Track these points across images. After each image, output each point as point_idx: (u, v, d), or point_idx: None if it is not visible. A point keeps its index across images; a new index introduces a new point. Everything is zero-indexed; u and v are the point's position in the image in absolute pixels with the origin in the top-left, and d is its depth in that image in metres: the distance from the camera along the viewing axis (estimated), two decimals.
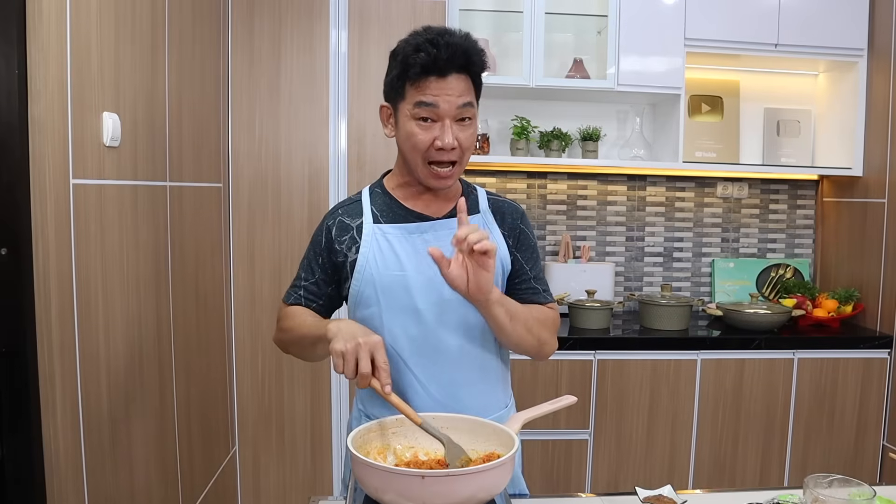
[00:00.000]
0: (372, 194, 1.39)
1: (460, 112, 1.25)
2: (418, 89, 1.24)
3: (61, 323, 1.38)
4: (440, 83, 1.23)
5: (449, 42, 1.23)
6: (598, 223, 3.10)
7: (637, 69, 2.70)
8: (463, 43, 1.25)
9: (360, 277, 1.31)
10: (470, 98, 1.27)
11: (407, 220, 1.34)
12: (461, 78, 1.25)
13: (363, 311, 1.33)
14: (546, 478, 2.54)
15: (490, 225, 1.39)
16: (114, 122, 1.55)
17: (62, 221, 1.38)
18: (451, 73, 1.24)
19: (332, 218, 1.37)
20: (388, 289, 1.30)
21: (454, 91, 1.24)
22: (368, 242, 1.32)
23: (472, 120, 1.29)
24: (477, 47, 1.28)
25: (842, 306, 2.82)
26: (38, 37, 1.29)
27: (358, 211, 1.36)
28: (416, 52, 1.23)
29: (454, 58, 1.23)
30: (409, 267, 1.30)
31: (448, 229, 1.33)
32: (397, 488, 0.95)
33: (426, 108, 1.24)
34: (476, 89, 1.31)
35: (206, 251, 2.29)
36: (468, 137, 1.28)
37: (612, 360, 2.53)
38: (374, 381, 1.10)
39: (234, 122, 2.51)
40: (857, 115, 2.84)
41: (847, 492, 1.10)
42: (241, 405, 2.58)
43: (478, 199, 1.41)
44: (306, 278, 1.37)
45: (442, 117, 1.25)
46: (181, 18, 2.01)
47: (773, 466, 2.63)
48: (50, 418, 1.34)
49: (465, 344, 1.32)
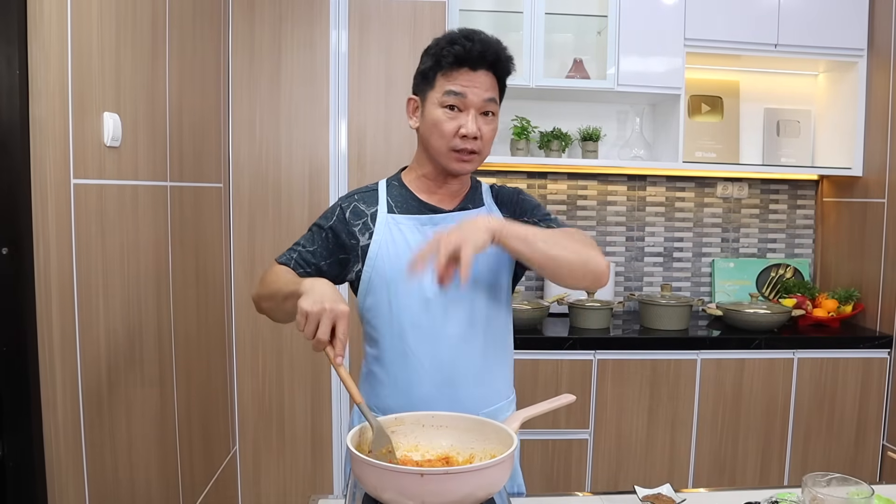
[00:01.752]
0: (388, 186, 1.44)
1: (485, 105, 1.33)
2: (449, 79, 1.31)
3: (62, 322, 1.38)
4: (470, 76, 1.31)
5: (483, 39, 1.32)
6: (598, 223, 3.10)
7: (637, 69, 2.71)
8: (495, 44, 1.33)
9: (372, 264, 1.35)
10: (494, 95, 1.35)
11: (420, 211, 1.39)
12: (489, 75, 1.33)
13: (372, 298, 1.36)
14: (546, 477, 2.54)
15: (494, 213, 1.44)
16: (114, 122, 1.55)
17: (63, 221, 1.38)
18: (481, 68, 1.31)
19: (347, 201, 1.42)
20: (398, 277, 1.33)
21: (482, 85, 1.32)
22: (381, 231, 1.36)
23: (495, 116, 1.36)
24: (506, 50, 1.36)
25: (842, 306, 2.82)
26: (39, 37, 1.29)
27: (374, 199, 1.41)
28: (452, 44, 1.31)
29: (486, 54, 1.31)
30: None
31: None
32: (396, 486, 0.96)
33: (454, 96, 1.31)
34: (500, 91, 1.38)
35: (206, 251, 2.29)
36: (490, 131, 1.35)
37: (612, 360, 2.53)
38: (329, 348, 1.10)
39: (234, 122, 2.51)
40: (856, 116, 2.84)
41: (845, 490, 1.10)
42: (241, 405, 2.58)
43: (482, 193, 1.47)
44: (304, 245, 1.40)
45: (468, 107, 1.31)
46: (182, 19, 2.02)
47: (772, 466, 2.63)
48: (51, 417, 1.35)
49: (469, 333, 1.35)
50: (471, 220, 1.17)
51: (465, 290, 1.32)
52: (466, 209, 1.42)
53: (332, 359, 1.10)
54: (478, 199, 1.45)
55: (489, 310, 1.38)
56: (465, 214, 1.40)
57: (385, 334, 1.37)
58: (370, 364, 1.42)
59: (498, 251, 1.37)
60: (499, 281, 1.41)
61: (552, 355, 2.48)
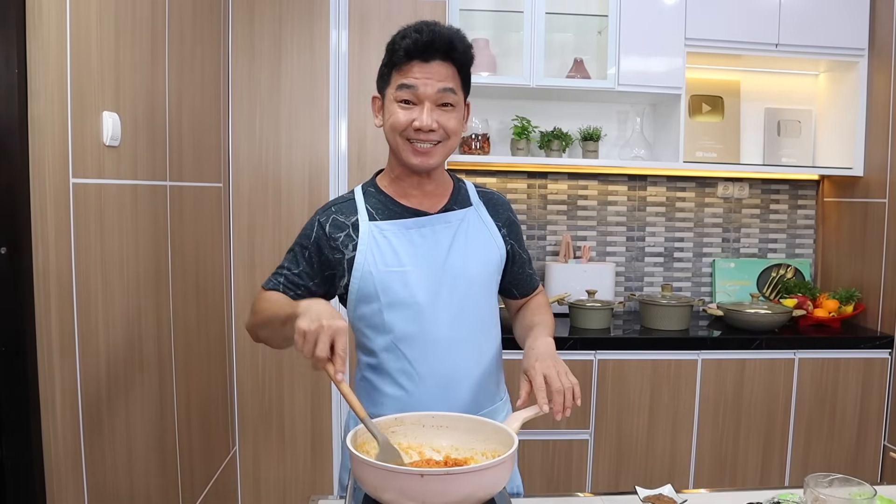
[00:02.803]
0: (365, 193, 1.40)
1: (441, 97, 1.28)
2: (402, 73, 1.28)
3: (61, 322, 1.38)
4: (423, 67, 1.27)
5: (433, 29, 1.28)
6: (598, 223, 3.10)
7: (637, 69, 2.70)
8: (447, 32, 1.29)
9: (359, 275, 1.32)
10: (452, 84, 1.29)
11: (403, 216, 1.36)
12: (445, 65, 1.29)
13: (364, 308, 1.34)
14: (546, 478, 2.54)
15: (483, 217, 1.42)
16: (114, 122, 1.55)
17: (62, 221, 1.38)
18: (434, 59, 1.27)
19: (324, 215, 1.37)
20: (388, 285, 1.31)
21: (435, 76, 1.27)
22: (366, 240, 1.33)
23: (456, 107, 1.31)
24: (462, 38, 1.31)
25: (842, 306, 2.82)
26: (37, 36, 1.29)
27: (352, 209, 1.37)
28: (403, 38, 1.28)
29: (436, 43, 1.27)
30: (407, 262, 1.32)
31: (444, 223, 1.36)
32: (396, 487, 0.95)
33: (407, 90, 1.28)
34: (463, 80, 1.33)
35: (206, 251, 2.29)
36: (451, 121, 1.30)
37: (613, 360, 2.52)
38: (328, 365, 1.08)
39: (234, 122, 2.51)
40: (857, 115, 2.84)
41: (847, 491, 1.10)
42: (241, 405, 2.58)
43: (468, 193, 1.45)
44: (289, 268, 1.37)
45: (422, 100, 1.28)
46: (181, 18, 2.01)
47: (773, 466, 2.62)
48: (49, 417, 1.34)
49: (461, 336, 1.34)
50: (554, 354, 1.25)
51: (456, 295, 1.33)
52: (452, 210, 1.39)
53: (333, 375, 1.08)
54: (463, 200, 1.42)
55: (480, 313, 1.38)
56: (451, 216, 1.38)
57: (378, 342, 1.35)
58: (363, 371, 1.41)
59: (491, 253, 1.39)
60: (490, 284, 1.41)
61: None
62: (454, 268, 1.34)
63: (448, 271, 1.33)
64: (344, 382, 1.09)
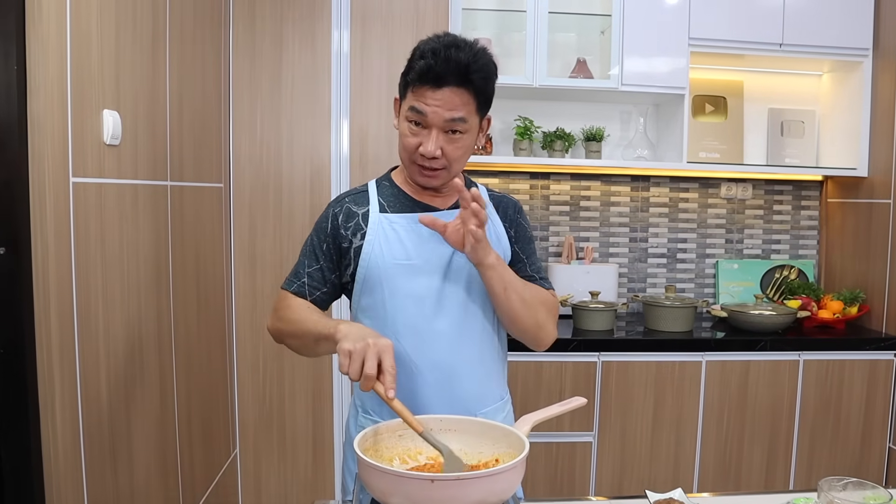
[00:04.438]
0: (379, 186, 1.42)
1: (449, 125, 1.27)
2: (415, 94, 1.27)
3: (60, 323, 1.36)
4: (434, 93, 1.25)
5: (450, 56, 1.24)
6: (601, 224, 3.08)
7: (641, 69, 2.69)
8: (465, 58, 1.24)
9: (365, 265, 1.33)
10: (463, 113, 1.27)
11: (413, 210, 1.38)
12: (458, 92, 1.26)
13: (368, 299, 1.35)
14: (550, 481, 2.52)
15: (493, 217, 1.43)
16: (114, 120, 1.53)
17: (62, 220, 1.36)
18: (447, 85, 1.25)
19: (338, 205, 1.40)
20: (393, 277, 1.32)
21: (446, 104, 1.25)
22: (374, 231, 1.34)
23: (464, 134, 1.30)
24: (481, 63, 1.27)
25: (847, 308, 2.80)
26: (37, 32, 1.27)
27: (364, 200, 1.39)
28: (420, 58, 1.26)
29: (451, 71, 1.24)
30: (414, 255, 1.33)
31: (454, 219, 1.34)
32: (406, 492, 0.93)
33: (416, 114, 1.28)
34: (480, 103, 1.31)
35: (206, 252, 2.27)
36: (455, 150, 1.30)
37: (617, 362, 2.50)
38: (378, 384, 1.08)
39: (235, 121, 2.49)
40: (861, 116, 2.82)
41: (861, 495, 1.08)
42: (242, 408, 2.56)
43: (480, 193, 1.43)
44: (309, 265, 1.38)
45: (430, 126, 1.27)
46: (182, 16, 2.00)
47: (778, 469, 2.61)
48: (49, 419, 1.32)
49: (464, 331, 1.34)
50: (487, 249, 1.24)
51: (460, 290, 1.32)
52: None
53: (384, 394, 1.08)
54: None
55: (483, 309, 1.37)
56: (460, 212, 1.38)
57: (381, 334, 1.34)
58: None
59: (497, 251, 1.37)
60: None
61: (556, 357, 2.46)
62: (460, 263, 1.34)
63: (454, 266, 1.34)
64: (396, 400, 1.09)
